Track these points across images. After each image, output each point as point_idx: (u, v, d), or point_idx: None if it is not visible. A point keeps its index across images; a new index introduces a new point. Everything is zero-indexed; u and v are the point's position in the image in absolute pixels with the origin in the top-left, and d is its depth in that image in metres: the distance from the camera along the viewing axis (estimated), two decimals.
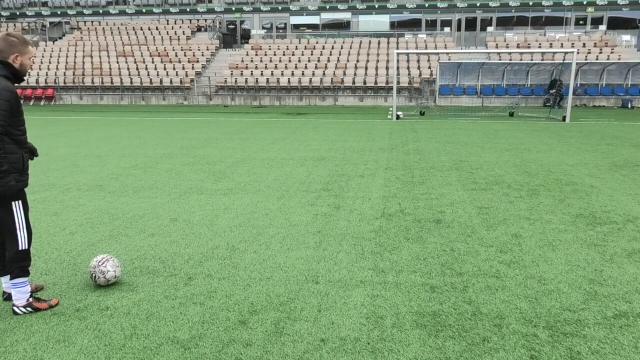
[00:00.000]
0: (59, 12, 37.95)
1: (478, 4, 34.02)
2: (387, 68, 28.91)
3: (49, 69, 31.17)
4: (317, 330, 3.04)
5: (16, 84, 3.23)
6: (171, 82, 29.22)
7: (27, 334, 3.02)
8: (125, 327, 3.09)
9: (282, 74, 29.13)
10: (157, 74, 29.92)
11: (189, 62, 31.01)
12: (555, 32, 32.63)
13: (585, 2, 33.09)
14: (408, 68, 28.99)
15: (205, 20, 35.93)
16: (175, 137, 12.83)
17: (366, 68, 29.51)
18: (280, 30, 36.75)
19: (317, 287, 3.64)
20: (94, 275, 3.62)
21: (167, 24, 36.10)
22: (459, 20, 34.83)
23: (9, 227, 3.18)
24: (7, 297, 3.45)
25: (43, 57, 32.78)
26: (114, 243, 4.62)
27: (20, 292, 3.26)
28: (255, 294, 3.55)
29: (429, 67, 29.21)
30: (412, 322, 3.14)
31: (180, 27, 35.36)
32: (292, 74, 29.10)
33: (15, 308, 3.27)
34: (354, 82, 28.07)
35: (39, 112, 22.56)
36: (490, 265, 4.07)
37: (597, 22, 33.66)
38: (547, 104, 24.50)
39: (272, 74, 29.23)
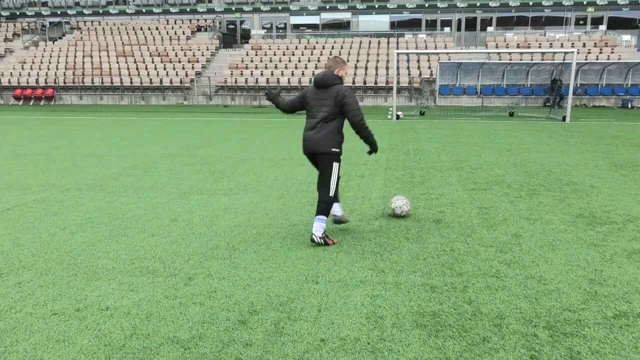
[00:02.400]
0: (59, 12, 37.96)
1: (478, 4, 34.02)
2: (387, 68, 28.92)
3: (49, 69, 31.18)
4: (317, 330, 3.04)
5: None
6: (171, 82, 29.22)
7: (27, 334, 3.02)
8: (125, 327, 3.09)
9: (282, 74, 29.13)
10: (157, 74, 29.93)
11: (189, 62, 31.02)
12: (555, 32, 32.63)
13: (585, 2, 33.10)
14: (408, 68, 28.99)
15: (205, 20, 35.94)
16: (175, 137, 12.83)
17: (366, 68, 29.52)
18: (280, 30, 36.75)
19: (317, 287, 3.64)
20: (401, 207, 5.29)
21: (167, 24, 36.10)
22: (459, 20, 34.83)
23: (326, 179, 4.51)
24: (337, 220, 4.88)
25: (43, 57, 32.80)
26: (114, 243, 4.62)
27: (320, 226, 4.44)
28: (255, 294, 3.55)
29: (429, 67, 29.21)
30: (412, 322, 3.14)
31: (180, 27, 35.37)
32: (292, 74, 29.11)
33: (313, 236, 4.44)
34: (354, 82, 28.07)
35: (39, 112, 22.56)
36: (490, 265, 4.07)
37: (597, 22, 33.67)
38: (547, 104, 24.51)
39: (272, 74, 29.24)
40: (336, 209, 4.83)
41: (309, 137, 4.62)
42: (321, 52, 31.37)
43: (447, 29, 34.25)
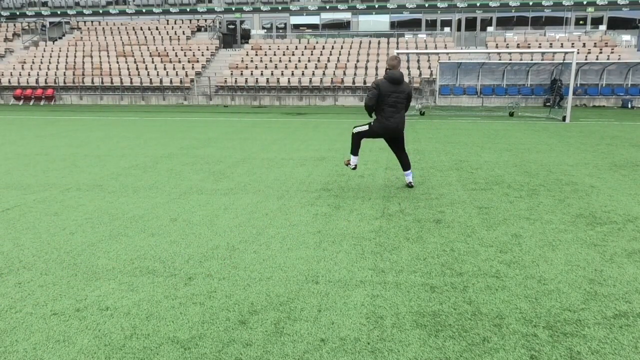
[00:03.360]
0: (59, 12, 37.95)
1: (478, 4, 34.02)
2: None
3: (49, 69, 31.17)
4: (317, 330, 3.04)
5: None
6: (171, 82, 29.22)
7: (27, 334, 3.02)
8: (125, 327, 3.09)
9: (282, 74, 29.13)
10: (157, 74, 29.93)
11: (189, 62, 31.01)
12: (555, 32, 32.63)
13: (585, 2, 33.09)
14: (408, 68, 28.98)
15: (205, 20, 35.93)
16: (175, 137, 12.83)
17: (366, 68, 29.51)
18: (280, 30, 36.75)
19: (317, 287, 3.64)
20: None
21: (167, 24, 36.10)
22: (459, 20, 34.83)
23: (403, 146, 6.70)
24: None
25: (43, 57, 32.80)
26: (114, 243, 4.62)
27: (412, 175, 6.91)
28: (255, 294, 3.55)
29: (429, 67, 29.21)
30: (412, 322, 3.14)
31: (180, 27, 35.37)
32: (292, 74, 29.11)
33: (411, 183, 6.84)
34: (354, 82, 28.08)
35: (39, 112, 22.56)
36: (490, 265, 4.07)
37: (597, 22, 33.65)
38: (547, 104, 24.51)
39: (272, 74, 29.24)
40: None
41: (396, 122, 6.38)
42: (321, 52, 31.36)
43: (447, 29, 34.24)
